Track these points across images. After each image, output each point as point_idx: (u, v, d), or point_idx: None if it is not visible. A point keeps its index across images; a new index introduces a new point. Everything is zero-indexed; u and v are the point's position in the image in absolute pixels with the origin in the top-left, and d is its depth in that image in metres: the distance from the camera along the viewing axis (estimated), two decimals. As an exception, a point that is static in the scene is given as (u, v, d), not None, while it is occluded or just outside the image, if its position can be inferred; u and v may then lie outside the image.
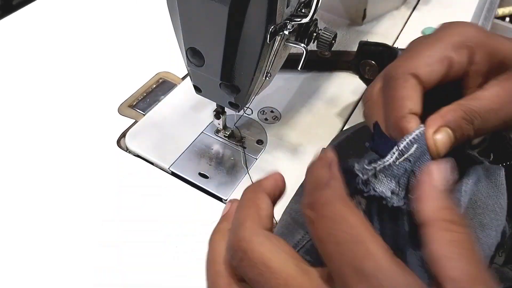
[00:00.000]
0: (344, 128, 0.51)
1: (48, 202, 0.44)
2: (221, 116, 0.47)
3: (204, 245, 0.41)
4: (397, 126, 0.26)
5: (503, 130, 0.32)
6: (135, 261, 0.40)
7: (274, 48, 0.37)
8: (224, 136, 0.50)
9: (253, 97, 0.42)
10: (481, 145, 0.44)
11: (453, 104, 0.26)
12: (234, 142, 0.49)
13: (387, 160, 0.25)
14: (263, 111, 0.54)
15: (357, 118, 0.53)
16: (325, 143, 0.50)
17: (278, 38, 0.36)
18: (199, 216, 0.43)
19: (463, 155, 0.32)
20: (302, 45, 0.39)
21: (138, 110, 0.54)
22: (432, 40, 0.28)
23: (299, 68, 0.41)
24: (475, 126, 0.26)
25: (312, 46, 0.41)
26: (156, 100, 0.55)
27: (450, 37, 0.27)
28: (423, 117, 0.27)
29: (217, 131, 0.50)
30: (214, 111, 0.47)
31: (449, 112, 0.26)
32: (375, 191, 0.25)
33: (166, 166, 0.47)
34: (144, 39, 0.64)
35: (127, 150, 0.49)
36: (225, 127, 0.49)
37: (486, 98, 0.26)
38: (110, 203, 0.44)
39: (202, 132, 0.50)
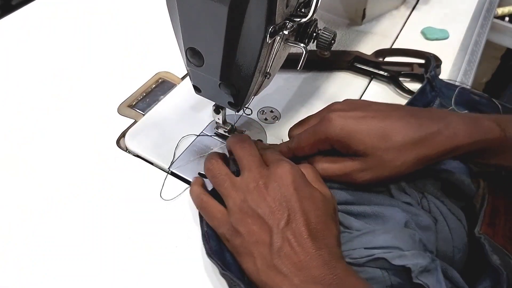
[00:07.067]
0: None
1: (47, 201, 0.44)
2: (221, 110, 0.47)
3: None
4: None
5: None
6: (135, 261, 0.40)
7: (274, 48, 0.37)
8: (224, 131, 0.49)
9: (252, 97, 0.42)
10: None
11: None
12: None
13: None
14: (263, 111, 0.54)
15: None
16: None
17: (277, 38, 0.36)
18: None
19: None
20: (302, 45, 0.39)
21: (138, 110, 0.54)
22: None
23: (298, 68, 0.41)
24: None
25: (312, 46, 0.41)
26: (155, 100, 0.55)
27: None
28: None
29: (217, 127, 0.50)
30: (213, 105, 0.47)
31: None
32: None
33: (166, 166, 0.47)
34: (144, 39, 0.64)
35: (126, 150, 0.49)
36: (224, 121, 0.49)
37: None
38: (109, 203, 0.44)
39: (202, 132, 0.50)
